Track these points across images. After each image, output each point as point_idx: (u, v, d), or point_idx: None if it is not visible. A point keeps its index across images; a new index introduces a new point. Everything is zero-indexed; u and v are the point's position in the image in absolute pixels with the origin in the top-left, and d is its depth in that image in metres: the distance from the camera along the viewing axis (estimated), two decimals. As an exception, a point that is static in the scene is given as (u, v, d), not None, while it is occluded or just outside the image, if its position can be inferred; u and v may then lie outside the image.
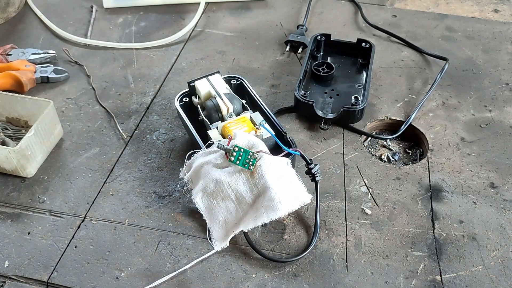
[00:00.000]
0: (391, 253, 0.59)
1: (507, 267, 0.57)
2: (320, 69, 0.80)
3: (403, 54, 0.88)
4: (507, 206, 0.64)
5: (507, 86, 0.81)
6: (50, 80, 0.80)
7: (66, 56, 0.85)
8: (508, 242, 0.60)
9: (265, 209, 0.56)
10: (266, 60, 0.86)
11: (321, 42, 0.85)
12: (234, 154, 0.56)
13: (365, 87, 0.77)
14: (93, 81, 0.81)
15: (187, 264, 0.57)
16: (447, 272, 0.57)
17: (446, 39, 0.91)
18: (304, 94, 0.74)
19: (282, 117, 0.76)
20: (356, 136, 0.73)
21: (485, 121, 0.75)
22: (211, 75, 0.70)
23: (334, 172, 0.68)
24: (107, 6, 0.97)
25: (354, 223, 0.62)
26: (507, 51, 0.88)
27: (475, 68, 0.85)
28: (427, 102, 0.78)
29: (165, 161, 0.69)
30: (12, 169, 0.65)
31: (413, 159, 0.73)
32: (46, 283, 0.56)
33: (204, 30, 0.93)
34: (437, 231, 0.61)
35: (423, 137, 0.73)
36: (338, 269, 0.57)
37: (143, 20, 0.95)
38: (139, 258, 0.58)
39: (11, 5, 0.94)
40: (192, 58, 0.87)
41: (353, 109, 0.72)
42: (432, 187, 0.66)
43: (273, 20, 0.96)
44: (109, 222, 0.62)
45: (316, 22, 0.95)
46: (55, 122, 0.69)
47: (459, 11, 0.98)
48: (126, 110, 0.76)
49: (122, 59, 0.86)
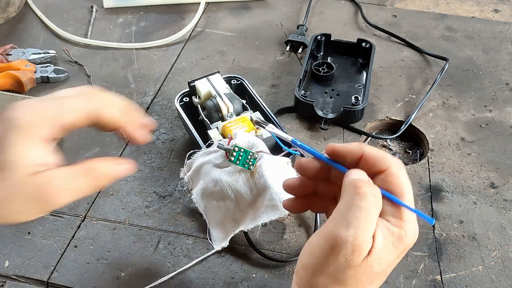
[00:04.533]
0: (391, 253, 0.59)
1: (507, 267, 0.57)
2: (320, 69, 0.80)
3: (403, 54, 0.88)
4: (507, 206, 0.64)
5: (507, 86, 0.81)
6: (50, 80, 0.80)
7: (66, 56, 0.86)
8: (508, 242, 0.60)
9: (265, 209, 0.56)
10: (266, 60, 0.86)
11: (321, 42, 0.85)
12: (234, 154, 0.56)
13: (365, 87, 0.77)
14: (93, 81, 0.81)
15: (187, 264, 0.57)
16: (447, 272, 0.57)
17: (446, 39, 0.91)
18: (304, 94, 0.74)
19: (282, 117, 0.76)
20: (356, 136, 0.73)
21: (485, 121, 0.75)
22: (211, 75, 0.70)
23: (334, 172, 0.68)
24: (107, 6, 0.97)
25: (354, 223, 0.62)
26: (507, 51, 0.88)
27: (475, 68, 0.85)
28: (427, 102, 0.78)
29: (165, 161, 0.69)
30: (12, 169, 0.65)
31: (413, 159, 0.73)
32: (46, 283, 0.56)
33: (204, 30, 0.93)
34: (437, 231, 0.61)
35: (423, 137, 0.73)
36: (338, 269, 0.57)
37: (143, 20, 0.95)
38: (139, 258, 0.58)
39: (11, 5, 0.94)
40: (192, 58, 0.87)
41: (353, 109, 0.72)
42: (432, 187, 0.66)
43: (273, 20, 0.96)
44: (109, 222, 0.62)
45: (316, 22, 0.95)
46: (55, 122, 0.69)
47: (459, 11, 0.98)
48: (126, 110, 0.76)
49: (122, 59, 0.86)
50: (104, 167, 0.43)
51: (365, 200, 0.39)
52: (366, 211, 0.38)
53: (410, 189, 0.41)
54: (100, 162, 0.43)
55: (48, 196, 0.41)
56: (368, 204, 0.39)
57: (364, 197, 0.39)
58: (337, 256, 0.39)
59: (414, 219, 0.41)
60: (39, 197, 0.41)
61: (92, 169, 0.43)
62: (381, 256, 0.40)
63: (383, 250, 0.39)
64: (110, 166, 0.44)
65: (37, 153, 0.41)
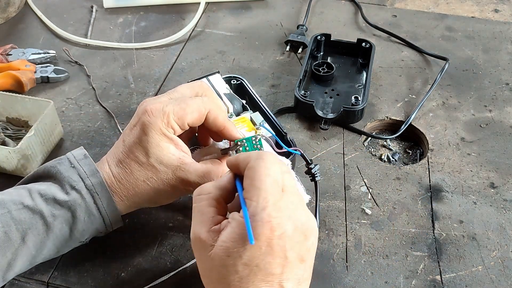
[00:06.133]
0: (391, 253, 0.59)
1: (507, 267, 0.57)
2: (320, 69, 0.80)
3: (403, 54, 0.88)
4: (507, 206, 0.64)
5: (507, 86, 0.81)
6: (50, 80, 0.80)
7: (66, 56, 0.86)
8: (508, 242, 0.60)
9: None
10: (266, 60, 0.86)
11: (321, 42, 0.85)
12: (241, 149, 0.55)
13: (365, 87, 0.77)
14: (93, 81, 0.81)
15: (187, 264, 0.57)
16: (447, 272, 0.57)
17: (446, 39, 0.91)
18: (304, 94, 0.74)
19: (282, 117, 0.76)
20: (356, 136, 0.73)
21: (485, 121, 0.75)
22: (211, 75, 0.70)
23: (334, 172, 0.68)
24: (107, 6, 0.97)
25: (354, 223, 0.62)
26: (507, 51, 0.88)
27: (475, 68, 0.85)
28: (427, 102, 0.78)
29: (165, 161, 0.69)
30: (12, 169, 0.65)
31: (413, 159, 0.73)
32: (46, 283, 0.56)
33: (204, 30, 0.93)
34: (437, 231, 0.61)
35: (423, 137, 0.73)
36: (338, 269, 0.57)
37: (143, 20, 0.95)
38: (139, 258, 0.58)
39: (11, 5, 0.94)
40: (192, 58, 0.87)
41: (353, 109, 0.72)
42: (432, 187, 0.66)
43: (273, 20, 0.96)
44: (109, 222, 0.62)
45: (316, 22, 0.95)
46: (55, 122, 0.69)
47: (459, 11, 0.98)
48: (127, 110, 0.76)
49: (122, 59, 0.86)
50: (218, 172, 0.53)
51: (194, 201, 0.46)
52: (195, 210, 0.45)
53: (265, 176, 0.43)
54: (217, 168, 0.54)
55: (187, 188, 0.53)
56: (195, 204, 0.46)
57: (194, 200, 0.46)
58: (194, 252, 0.45)
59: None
60: (181, 188, 0.53)
61: (208, 172, 0.53)
62: (227, 247, 0.41)
63: (228, 241, 0.42)
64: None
65: (173, 149, 0.52)
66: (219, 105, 0.55)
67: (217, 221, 0.44)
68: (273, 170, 0.43)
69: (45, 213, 0.49)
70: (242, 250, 0.41)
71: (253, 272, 0.41)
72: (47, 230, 0.49)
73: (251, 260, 0.41)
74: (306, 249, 0.43)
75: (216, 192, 0.46)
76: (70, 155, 0.53)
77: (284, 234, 0.41)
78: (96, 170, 0.52)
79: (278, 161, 0.45)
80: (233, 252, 0.41)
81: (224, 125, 0.54)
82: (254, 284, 0.41)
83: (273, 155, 0.46)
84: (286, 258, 0.41)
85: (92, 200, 0.51)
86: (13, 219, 0.49)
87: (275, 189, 0.42)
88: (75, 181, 0.51)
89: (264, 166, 0.43)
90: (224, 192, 0.46)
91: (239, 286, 0.41)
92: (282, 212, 0.42)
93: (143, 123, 0.51)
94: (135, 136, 0.52)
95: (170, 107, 0.52)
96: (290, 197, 0.43)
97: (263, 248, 0.41)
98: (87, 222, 0.51)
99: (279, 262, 0.41)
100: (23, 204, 0.49)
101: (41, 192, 0.50)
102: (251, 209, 0.41)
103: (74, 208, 0.50)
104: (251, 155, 0.46)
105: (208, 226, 0.43)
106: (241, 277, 0.41)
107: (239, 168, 0.46)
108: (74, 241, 0.52)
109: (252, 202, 0.42)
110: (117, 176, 0.52)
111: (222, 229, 0.43)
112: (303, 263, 0.43)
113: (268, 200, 0.41)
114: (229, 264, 0.41)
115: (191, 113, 0.52)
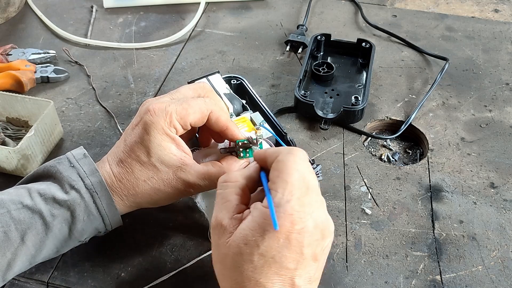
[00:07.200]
0: (391, 253, 0.59)
1: (507, 267, 0.57)
2: (320, 69, 0.80)
3: (403, 54, 0.88)
4: (507, 206, 0.64)
5: (507, 86, 0.81)
6: (50, 80, 0.80)
7: (66, 56, 0.86)
8: (508, 242, 0.60)
9: (265, 209, 0.56)
10: (266, 60, 0.86)
11: (321, 42, 0.85)
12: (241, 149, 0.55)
13: (365, 87, 0.77)
14: (93, 81, 0.81)
15: (187, 264, 0.57)
16: (447, 272, 0.57)
17: (446, 39, 0.91)
18: (304, 94, 0.74)
19: (282, 117, 0.76)
20: (356, 136, 0.73)
21: (485, 121, 0.75)
22: (211, 75, 0.70)
23: (334, 172, 0.68)
24: (107, 6, 0.97)
25: (354, 223, 0.62)
26: (507, 51, 0.88)
27: (475, 68, 0.85)
28: (427, 102, 0.78)
29: (165, 161, 0.69)
30: (12, 169, 0.65)
31: (413, 159, 0.73)
32: (46, 283, 0.56)
33: (204, 30, 0.93)
34: (437, 231, 0.61)
35: (423, 137, 0.73)
36: (338, 269, 0.57)
37: (143, 20, 0.95)
38: (139, 258, 0.58)
39: (11, 5, 0.94)
40: (192, 58, 0.87)
41: (353, 109, 0.72)
42: (432, 187, 0.66)
43: (273, 20, 0.96)
44: (109, 222, 0.62)
45: (316, 22, 0.95)
46: (55, 122, 0.69)
47: (459, 11, 0.98)
48: (127, 110, 0.76)
49: (122, 59, 0.86)
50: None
51: (219, 187, 0.47)
52: (220, 196, 0.46)
53: (293, 170, 0.44)
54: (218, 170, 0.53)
55: (187, 189, 0.53)
56: (220, 190, 0.47)
57: (219, 186, 0.47)
58: (213, 237, 0.45)
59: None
60: (182, 189, 0.53)
61: (209, 174, 0.53)
62: (246, 235, 0.42)
63: (248, 229, 0.42)
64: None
65: (174, 150, 0.52)
66: (221, 106, 0.56)
67: (240, 209, 0.45)
68: (302, 166, 0.44)
69: (45, 212, 0.49)
70: (260, 240, 0.41)
71: (268, 263, 0.41)
72: (46, 229, 0.49)
73: (267, 250, 0.41)
74: (322, 248, 0.44)
75: (243, 181, 0.47)
76: (70, 155, 0.53)
77: (304, 230, 0.42)
78: (95, 170, 0.52)
79: (307, 159, 0.46)
80: (251, 240, 0.41)
81: (227, 125, 0.54)
82: (267, 276, 0.41)
83: (303, 152, 0.46)
84: (302, 254, 0.42)
85: (91, 200, 0.51)
86: (12, 219, 0.49)
87: (301, 184, 0.43)
88: (75, 181, 0.51)
89: (294, 160, 0.44)
90: (250, 182, 0.47)
91: (252, 276, 0.41)
92: (305, 208, 0.42)
93: (145, 122, 0.51)
94: (137, 135, 0.52)
95: (172, 106, 0.52)
96: (313, 196, 0.44)
97: (281, 240, 0.41)
98: (86, 222, 0.51)
99: (295, 257, 0.42)
100: (22, 204, 0.49)
101: (40, 191, 0.50)
102: (276, 199, 0.42)
103: (73, 208, 0.50)
104: (282, 150, 0.46)
105: (231, 213, 0.44)
106: (255, 266, 0.41)
107: (266, 162, 0.47)
108: (73, 241, 0.52)
109: (277, 193, 0.42)
110: (118, 175, 0.52)
111: (243, 218, 0.43)
112: (316, 262, 0.43)
113: (294, 194, 0.42)
114: (245, 253, 0.41)
115: (193, 113, 0.52)
